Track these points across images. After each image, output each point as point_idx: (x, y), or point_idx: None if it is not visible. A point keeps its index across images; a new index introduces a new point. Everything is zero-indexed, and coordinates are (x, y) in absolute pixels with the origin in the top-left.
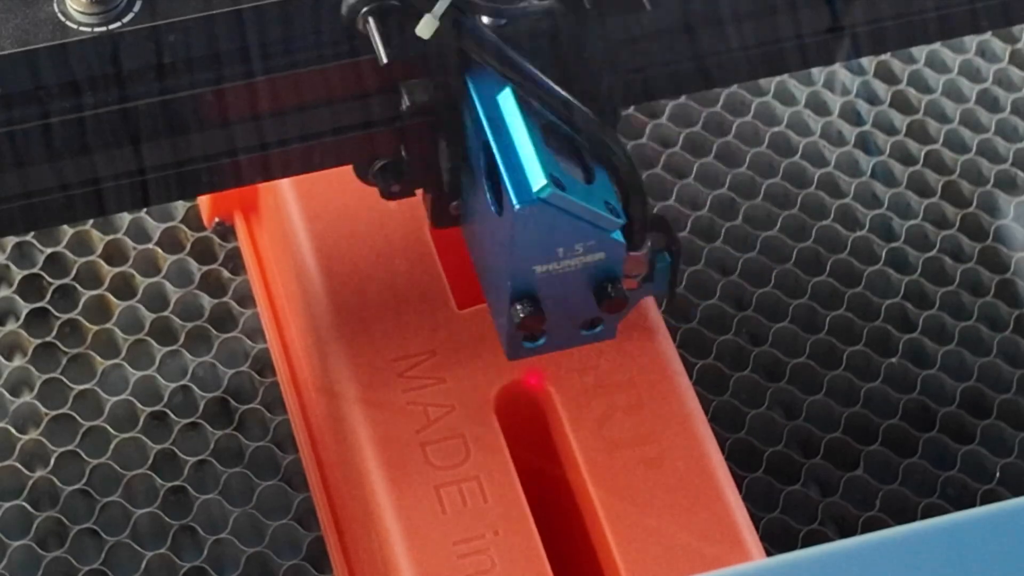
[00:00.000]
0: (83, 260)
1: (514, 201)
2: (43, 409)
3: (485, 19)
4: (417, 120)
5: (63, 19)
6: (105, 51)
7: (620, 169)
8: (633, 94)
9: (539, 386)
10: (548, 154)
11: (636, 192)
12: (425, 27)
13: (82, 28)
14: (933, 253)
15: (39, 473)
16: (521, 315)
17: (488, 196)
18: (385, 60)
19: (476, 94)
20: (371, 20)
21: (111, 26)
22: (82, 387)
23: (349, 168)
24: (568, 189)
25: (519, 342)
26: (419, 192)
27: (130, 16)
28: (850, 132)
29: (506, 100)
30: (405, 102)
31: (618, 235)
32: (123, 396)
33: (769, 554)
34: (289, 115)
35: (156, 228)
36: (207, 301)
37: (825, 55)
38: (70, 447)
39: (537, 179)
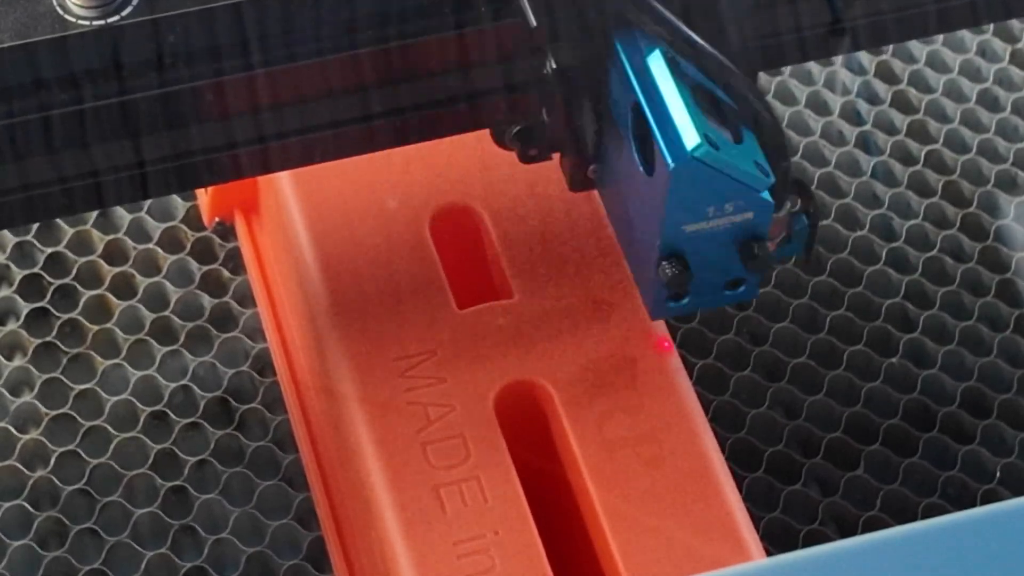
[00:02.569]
0: (83, 260)
1: (669, 160)
2: (43, 409)
3: None
4: (562, 84)
5: (62, 12)
6: (104, 44)
7: (767, 130)
8: (769, 59)
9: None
10: (700, 114)
11: (781, 153)
12: None
13: (81, 21)
14: (933, 253)
15: (39, 473)
16: (669, 274)
17: (636, 157)
18: (534, 23)
19: (625, 55)
20: None
21: (110, 19)
22: (82, 387)
23: (350, 168)
24: (721, 148)
25: (664, 301)
26: (555, 156)
27: (129, 9)
28: (850, 132)
29: (656, 60)
30: (551, 65)
31: (767, 195)
32: (123, 396)
33: (769, 554)
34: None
35: (156, 228)
36: (207, 301)
37: (828, 48)
38: (70, 447)
39: (691, 138)
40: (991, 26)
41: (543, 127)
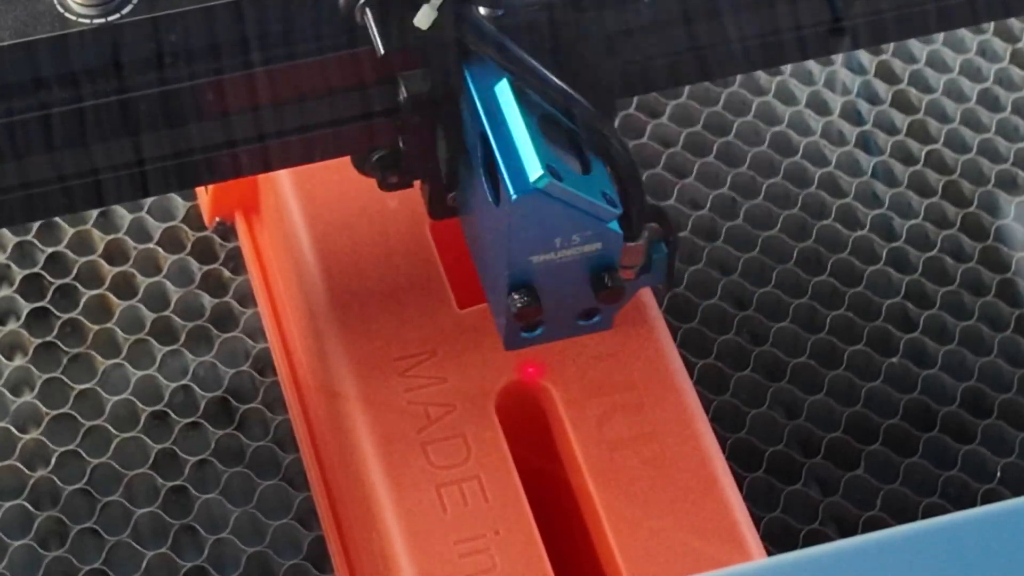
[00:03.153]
0: (84, 260)
1: (511, 191)
2: (44, 409)
3: (483, 10)
4: (415, 111)
5: (62, 11)
6: (104, 43)
7: (617, 160)
8: (631, 85)
9: (537, 377)
10: (545, 145)
11: (633, 183)
12: (423, 17)
13: (81, 20)
14: (934, 253)
15: (40, 473)
16: (518, 305)
17: (485, 187)
18: (383, 51)
19: (474, 85)
20: (369, 11)
21: (110, 17)
22: (83, 387)
23: (350, 167)
24: (565, 179)
25: (517, 332)
26: (417, 183)
27: (128, 8)
28: (851, 132)
29: (503, 91)
30: (403, 93)
31: (615, 225)
32: (124, 396)
33: (770, 554)
34: (287, 106)
35: (157, 228)
36: (208, 301)
37: (826, 47)
38: (71, 447)
39: (534, 169)
40: (991, 26)
41: (400, 155)
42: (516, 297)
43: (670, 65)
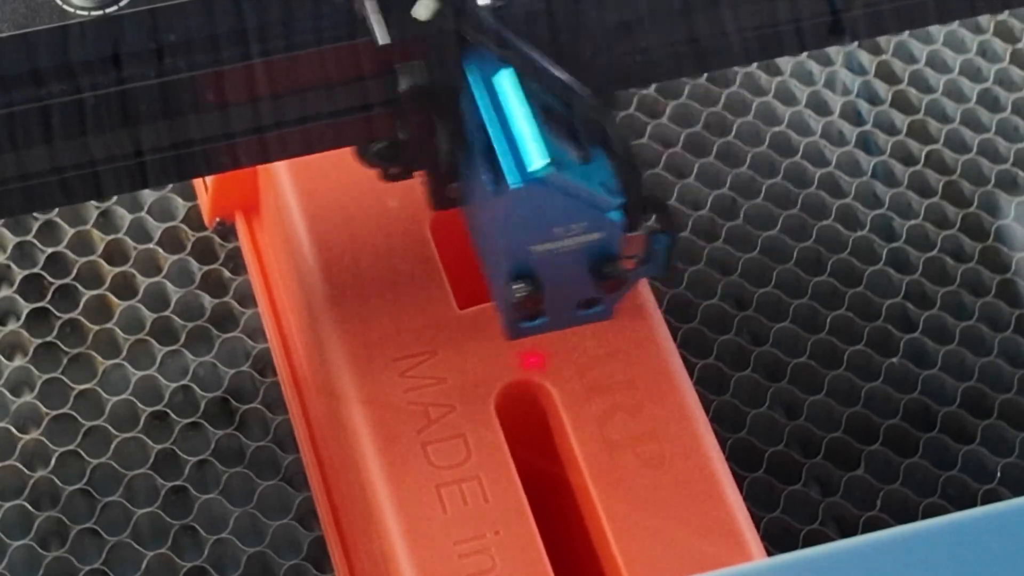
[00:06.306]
0: (84, 260)
1: (511, 180)
2: (44, 409)
3: (483, 1)
4: (414, 102)
5: (60, 2)
6: (103, 34)
7: (616, 150)
8: (630, 77)
9: (538, 366)
10: (545, 135)
11: (632, 173)
12: (423, 8)
13: (79, 11)
14: (934, 253)
15: (40, 473)
16: (519, 294)
17: (486, 177)
18: (382, 42)
19: (473, 75)
20: (369, 2)
21: (108, 9)
22: (83, 387)
23: (350, 167)
24: (565, 169)
25: (517, 321)
26: (418, 174)
27: None
28: (851, 132)
29: (503, 81)
30: (402, 84)
31: (615, 215)
32: (124, 396)
33: (770, 554)
34: (287, 97)
35: (157, 228)
36: (208, 301)
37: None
38: (71, 447)
39: (535, 158)
40: (991, 26)
41: (401, 146)
42: (517, 286)
43: (669, 57)
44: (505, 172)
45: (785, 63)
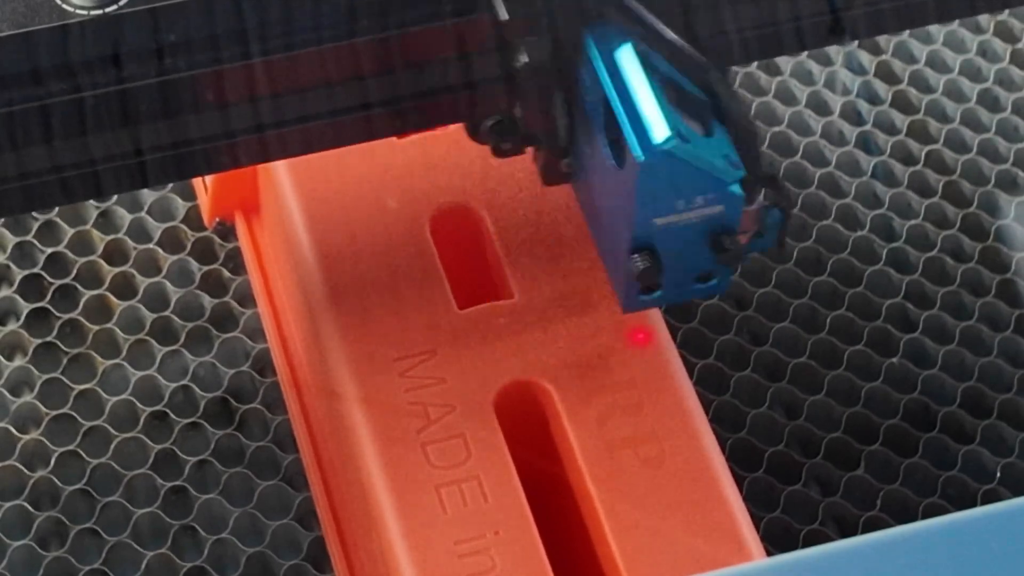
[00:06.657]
0: (84, 260)
1: (638, 153)
2: (44, 409)
3: None
4: (534, 77)
5: (60, 2)
6: (102, 33)
7: (737, 123)
8: (745, 52)
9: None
10: (669, 107)
11: (752, 147)
12: None
13: (79, 10)
14: (934, 253)
15: (40, 473)
16: (640, 267)
17: (607, 151)
18: (505, 16)
19: (594, 49)
20: None
21: (108, 8)
22: (83, 387)
23: (350, 167)
24: (690, 141)
25: (636, 294)
26: (529, 150)
27: None
28: (851, 132)
29: (626, 54)
30: (523, 59)
31: (737, 188)
32: (124, 396)
33: (770, 554)
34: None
35: (157, 228)
36: (208, 301)
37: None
38: (71, 447)
39: (660, 131)
40: (991, 26)
41: (516, 121)
42: (638, 259)
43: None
44: (630, 146)
45: (785, 63)
